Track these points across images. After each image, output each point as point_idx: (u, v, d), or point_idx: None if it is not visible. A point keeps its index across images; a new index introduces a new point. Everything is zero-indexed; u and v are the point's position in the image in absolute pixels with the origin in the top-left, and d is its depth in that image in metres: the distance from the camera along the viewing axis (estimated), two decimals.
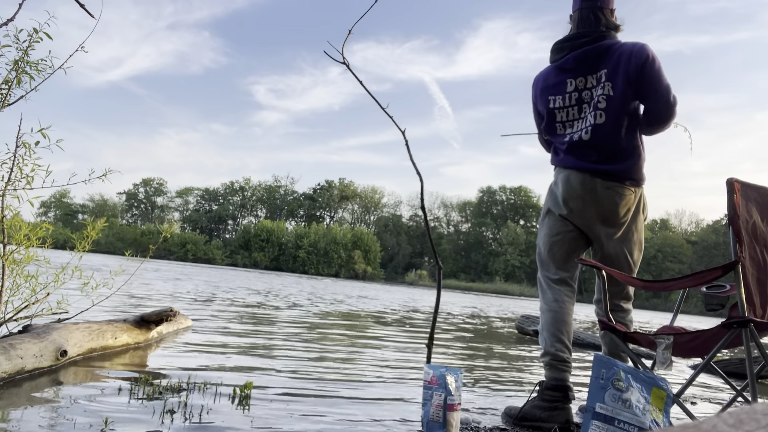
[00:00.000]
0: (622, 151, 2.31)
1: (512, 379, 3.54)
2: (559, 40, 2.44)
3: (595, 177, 2.32)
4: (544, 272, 2.52)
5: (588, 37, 2.32)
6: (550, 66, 2.46)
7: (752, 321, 1.83)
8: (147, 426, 1.78)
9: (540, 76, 2.51)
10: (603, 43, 2.30)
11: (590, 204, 2.34)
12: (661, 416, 1.64)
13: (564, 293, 2.41)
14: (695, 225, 73.07)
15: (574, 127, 2.38)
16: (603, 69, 2.29)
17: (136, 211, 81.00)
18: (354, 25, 2.42)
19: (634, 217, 2.38)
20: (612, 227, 2.37)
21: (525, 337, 7.06)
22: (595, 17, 2.35)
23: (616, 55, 2.26)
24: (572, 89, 2.37)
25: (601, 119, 2.28)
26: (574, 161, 2.36)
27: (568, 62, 2.36)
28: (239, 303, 7.64)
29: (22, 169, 2.61)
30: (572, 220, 2.41)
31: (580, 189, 2.33)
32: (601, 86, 2.28)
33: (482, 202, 77.05)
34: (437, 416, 1.85)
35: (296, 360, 3.38)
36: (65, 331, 2.69)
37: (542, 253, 2.52)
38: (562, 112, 2.40)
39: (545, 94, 2.45)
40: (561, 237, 2.44)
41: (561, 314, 2.34)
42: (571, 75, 2.36)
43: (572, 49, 2.35)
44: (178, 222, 73.31)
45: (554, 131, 2.46)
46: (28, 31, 2.55)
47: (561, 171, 2.43)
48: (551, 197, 2.49)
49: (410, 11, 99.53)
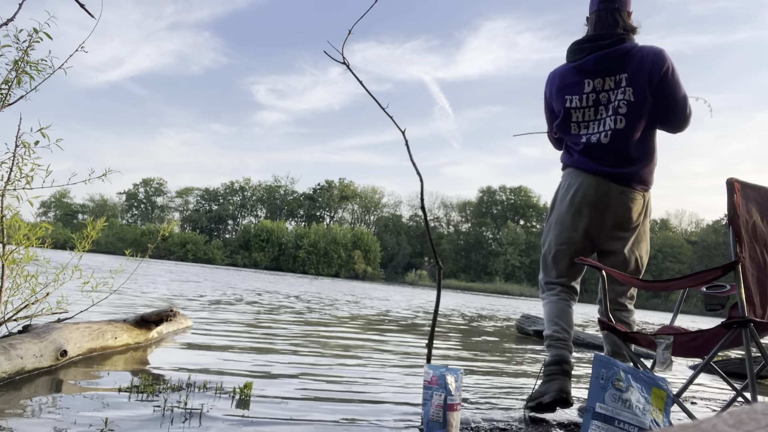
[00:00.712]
0: (637, 156, 2.34)
1: (512, 379, 3.54)
2: (578, 40, 2.44)
3: (609, 182, 2.34)
4: (545, 275, 2.57)
5: (608, 39, 2.33)
6: (568, 65, 2.46)
7: (752, 321, 1.83)
8: (147, 426, 1.78)
9: (556, 74, 2.51)
10: (623, 47, 2.30)
11: (603, 210, 2.36)
12: (661, 416, 1.64)
13: (562, 293, 2.49)
14: (695, 225, 73.13)
15: (590, 128, 2.39)
16: (623, 73, 2.30)
17: (136, 211, 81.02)
18: (354, 25, 2.42)
19: (643, 221, 2.40)
20: (625, 231, 2.39)
21: (525, 337, 7.06)
22: (613, 19, 2.36)
23: (637, 60, 2.28)
24: (590, 90, 2.38)
25: (621, 124, 2.30)
26: (589, 163, 2.37)
27: (588, 63, 2.37)
28: (240, 303, 7.64)
29: (21, 169, 2.61)
30: (583, 225, 2.42)
31: (594, 195, 2.35)
32: (622, 91, 2.30)
33: (482, 202, 77.06)
34: (437, 416, 1.85)
35: (297, 360, 3.38)
36: (65, 331, 2.68)
37: (546, 257, 2.56)
38: (578, 112, 2.41)
39: (562, 93, 2.46)
40: (566, 248, 2.47)
41: (559, 305, 2.44)
42: (590, 76, 2.37)
43: (592, 50, 2.35)
44: (177, 222, 73.23)
45: (568, 130, 2.47)
46: (28, 31, 2.55)
47: (573, 172, 2.44)
48: (561, 200, 2.49)
49: (410, 11, 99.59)
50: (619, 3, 2.36)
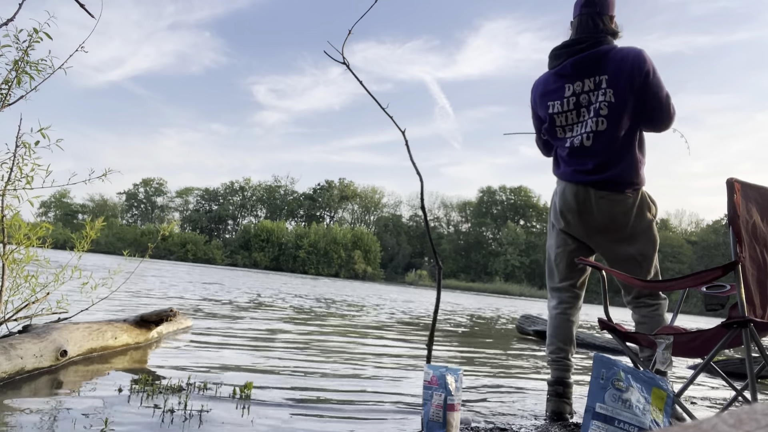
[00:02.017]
0: (618, 158, 2.35)
1: (512, 380, 3.54)
2: (557, 46, 2.48)
3: (588, 188, 2.37)
4: (549, 280, 2.66)
5: (584, 43, 2.36)
6: (549, 72, 2.51)
7: (752, 321, 1.83)
8: (147, 426, 1.78)
9: (539, 82, 2.56)
10: (600, 49, 2.33)
11: (585, 215, 2.40)
12: (661, 416, 1.64)
13: (566, 299, 2.55)
14: (695, 225, 73.18)
15: (573, 131, 2.43)
16: (602, 74, 2.32)
17: (136, 211, 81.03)
18: (354, 25, 2.42)
19: (637, 218, 2.39)
20: (614, 233, 2.40)
21: (525, 337, 7.06)
22: (593, 23, 2.38)
23: (616, 61, 2.30)
24: (570, 94, 2.41)
25: (602, 126, 2.33)
26: (570, 174, 2.43)
27: (566, 68, 2.40)
28: (241, 303, 7.64)
29: (22, 169, 2.61)
30: (571, 233, 2.51)
31: (574, 202, 2.41)
32: (602, 92, 2.32)
33: (482, 202, 77.07)
34: (437, 416, 1.85)
35: (297, 360, 3.38)
36: (65, 330, 2.68)
37: (549, 262, 2.66)
38: (561, 116, 2.45)
39: (545, 99, 2.50)
40: (562, 250, 2.56)
41: (559, 320, 2.52)
42: (569, 80, 2.41)
43: (569, 55, 2.39)
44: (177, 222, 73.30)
45: (555, 135, 2.51)
46: (28, 31, 2.55)
47: (559, 183, 2.52)
48: (552, 210, 2.59)
49: (411, 11, 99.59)
50: (600, 7, 2.38)
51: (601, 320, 2.22)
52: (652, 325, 2.36)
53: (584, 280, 2.59)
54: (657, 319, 2.39)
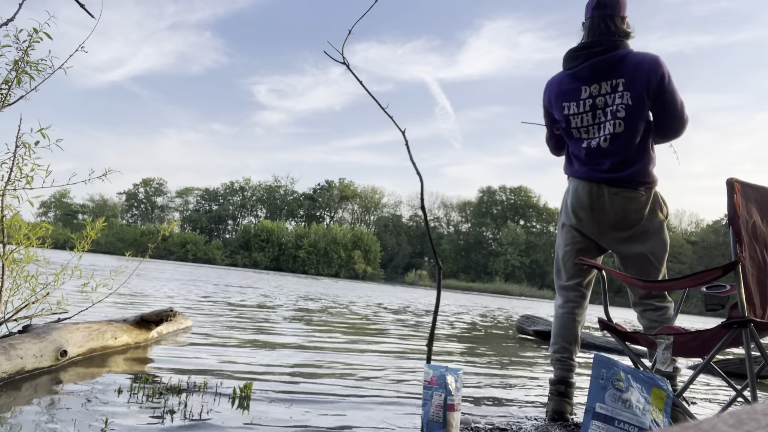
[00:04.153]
0: (635, 157, 2.38)
1: (512, 380, 3.55)
2: (573, 48, 2.49)
3: (602, 185, 2.39)
4: (556, 279, 2.67)
5: (602, 46, 2.37)
6: (564, 72, 2.51)
7: (752, 321, 1.83)
8: (147, 426, 1.78)
9: (553, 82, 2.56)
10: (617, 53, 2.35)
11: (598, 212, 2.41)
12: (661, 416, 1.64)
13: (572, 298, 2.56)
14: (695, 225, 73.18)
15: (590, 133, 2.44)
16: (619, 78, 2.34)
17: (136, 211, 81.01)
18: (354, 25, 2.42)
19: (650, 217, 2.40)
20: (625, 231, 2.41)
21: (525, 337, 7.06)
22: (605, 25, 2.39)
23: (633, 64, 2.32)
24: (586, 96, 2.43)
25: (620, 128, 2.35)
26: (585, 171, 2.44)
27: (583, 71, 2.41)
28: (241, 303, 7.64)
29: (21, 169, 2.61)
30: (582, 230, 2.51)
31: (587, 199, 2.42)
32: (619, 95, 2.34)
33: (482, 202, 77.08)
34: (437, 416, 1.85)
35: (297, 360, 3.38)
36: (65, 331, 2.69)
37: (556, 261, 2.67)
38: (576, 118, 2.46)
39: (560, 100, 2.51)
40: (570, 248, 2.57)
41: (565, 320, 2.53)
42: (586, 83, 2.42)
43: (587, 58, 2.40)
44: (177, 222, 73.28)
45: (571, 136, 2.53)
46: (28, 31, 2.55)
47: (572, 181, 2.52)
48: (563, 208, 2.60)
49: (412, 11, 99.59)
50: (612, 9, 2.39)
51: (601, 320, 2.22)
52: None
53: (591, 280, 2.60)
54: (666, 325, 2.38)
